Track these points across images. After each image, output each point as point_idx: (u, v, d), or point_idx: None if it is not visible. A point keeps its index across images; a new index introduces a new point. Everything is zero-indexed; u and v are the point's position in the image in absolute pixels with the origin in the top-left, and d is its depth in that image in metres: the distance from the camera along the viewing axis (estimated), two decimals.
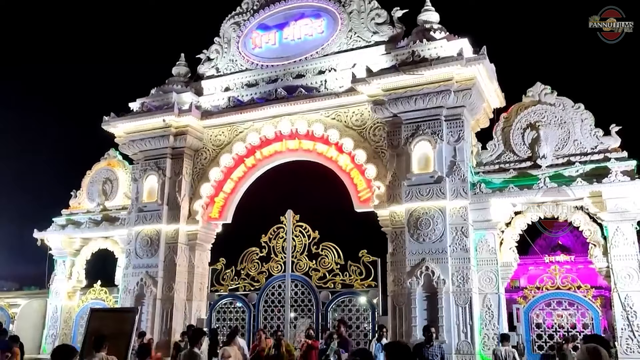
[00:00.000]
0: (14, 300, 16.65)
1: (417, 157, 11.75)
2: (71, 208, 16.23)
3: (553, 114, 11.60)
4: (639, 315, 10.10)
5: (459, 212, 11.27)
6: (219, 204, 14.54)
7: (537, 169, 11.31)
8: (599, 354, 3.69)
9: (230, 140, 14.33)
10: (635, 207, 10.45)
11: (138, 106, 14.94)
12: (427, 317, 10.86)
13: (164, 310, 13.59)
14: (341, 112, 13.20)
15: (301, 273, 13.34)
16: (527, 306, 11.40)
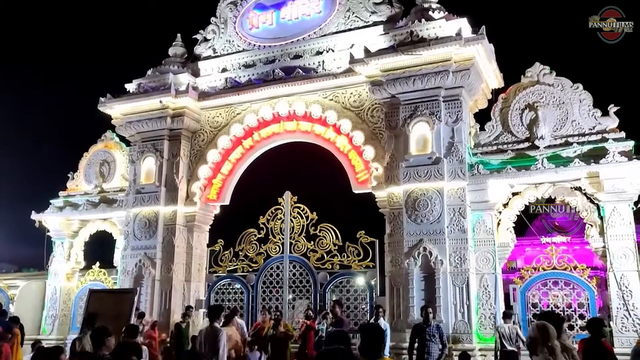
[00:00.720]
0: (12, 281, 16.71)
1: (415, 138, 11.73)
2: (69, 190, 16.21)
3: (551, 94, 11.57)
4: (634, 294, 10.18)
5: (456, 193, 11.30)
6: (216, 186, 14.54)
7: (535, 150, 11.31)
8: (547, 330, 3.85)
9: (227, 122, 14.28)
10: (632, 188, 10.48)
11: (134, 87, 14.85)
12: (425, 298, 10.95)
13: (163, 292, 13.66)
14: (339, 93, 13.14)
15: (299, 254, 13.40)
16: (524, 286, 11.49)
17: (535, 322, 4.40)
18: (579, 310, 11.19)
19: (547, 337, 3.82)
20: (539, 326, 3.99)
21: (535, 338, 3.92)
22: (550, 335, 3.84)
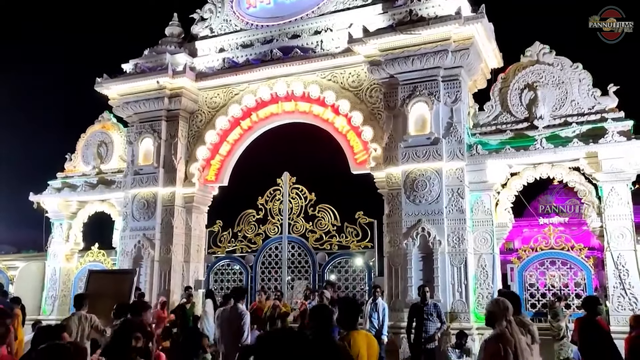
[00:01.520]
0: (12, 262, 16.77)
1: (413, 118, 11.69)
2: (66, 171, 16.17)
3: (551, 73, 11.50)
4: (630, 273, 10.25)
5: (455, 173, 11.29)
6: (215, 167, 14.51)
7: (534, 130, 11.28)
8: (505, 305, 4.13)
9: (225, 103, 14.21)
10: (630, 168, 10.48)
11: (131, 67, 14.73)
12: (423, 278, 11.00)
13: (162, 272, 13.72)
14: (337, 73, 13.05)
15: (298, 235, 13.45)
16: (521, 266, 11.56)
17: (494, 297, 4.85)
18: (575, 290, 11.29)
19: (504, 311, 4.06)
20: (497, 301, 4.28)
21: (493, 312, 4.16)
22: (508, 309, 4.10)
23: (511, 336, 3.90)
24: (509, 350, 3.79)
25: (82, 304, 7.82)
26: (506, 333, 3.93)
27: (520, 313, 4.72)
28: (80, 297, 8.08)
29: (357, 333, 4.11)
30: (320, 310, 4.08)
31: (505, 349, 3.79)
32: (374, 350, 4.16)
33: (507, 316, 4.04)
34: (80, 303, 7.83)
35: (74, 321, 7.47)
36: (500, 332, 3.96)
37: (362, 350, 3.98)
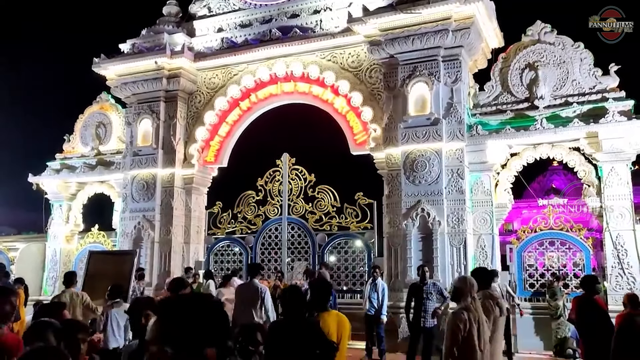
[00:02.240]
0: (12, 244, 16.79)
1: (413, 98, 11.63)
2: (65, 152, 16.13)
3: (552, 53, 11.41)
4: (629, 253, 10.29)
5: (455, 154, 11.26)
6: (214, 148, 14.48)
7: (535, 110, 11.23)
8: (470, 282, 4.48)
9: (224, 83, 14.12)
10: (630, 148, 10.46)
11: (129, 47, 14.60)
12: (422, 258, 11.04)
13: (162, 253, 13.77)
14: (337, 54, 12.95)
15: (297, 216, 13.46)
16: (520, 246, 11.60)
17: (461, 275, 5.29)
18: (573, 270, 11.34)
19: (470, 288, 4.43)
20: (464, 278, 4.61)
21: (460, 288, 4.50)
22: (473, 286, 4.47)
23: (475, 310, 4.32)
24: (473, 321, 4.21)
25: (73, 281, 7.87)
26: (471, 307, 4.33)
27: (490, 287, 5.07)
28: (70, 274, 8.11)
29: (327, 314, 4.29)
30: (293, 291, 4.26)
31: (470, 319, 4.21)
32: (346, 330, 4.33)
33: (472, 293, 4.42)
34: (70, 280, 7.87)
35: (65, 298, 7.49)
36: (466, 306, 4.36)
37: (331, 330, 4.13)
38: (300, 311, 4.07)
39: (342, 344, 4.19)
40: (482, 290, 4.90)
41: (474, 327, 4.21)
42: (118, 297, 7.34)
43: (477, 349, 4.18)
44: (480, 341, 4.23)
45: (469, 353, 4.15)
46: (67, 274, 8.14)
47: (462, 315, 4.26)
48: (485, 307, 4.73)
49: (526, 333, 10.88)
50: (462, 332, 4.17)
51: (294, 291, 4.31)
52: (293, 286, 4.51)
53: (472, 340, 4.17)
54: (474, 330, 4.20)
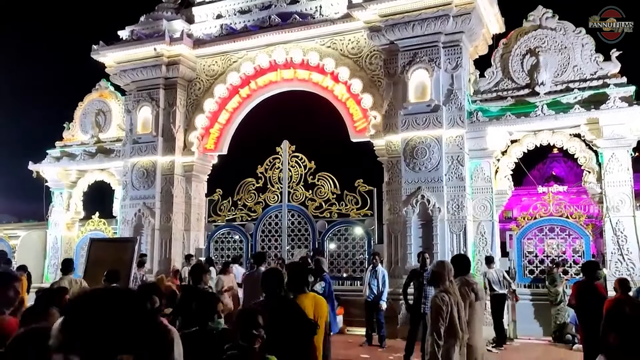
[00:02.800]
0: (13, 231, 16.85)
1: (413, 85, 11.58)
2: (65, 140, 16.12)
3: (554, 38, 11.35)
4: (629, 239, 10.31)
5: (455, 141, 11.24)
6: (214, 135, 14.45)
7: (535, 97, 11.18)
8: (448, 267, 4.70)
9: (224, 70, 14.06)
10: (631, 134, 10.44)
11: (127, 34, 14.52)
12: (422, 245, 11.06)
13: (163, 240, 13.80)
14: (337, 40, 12.88)
15: (297, 203, 13.46)
16: (520, 233, 11.61)
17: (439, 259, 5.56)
18: (573, 256, 11.37)
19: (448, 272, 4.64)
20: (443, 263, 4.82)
21: (439, 272, 4.67)
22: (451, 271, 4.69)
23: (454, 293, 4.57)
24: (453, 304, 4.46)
25: (70, 268, 7.93)
26: (450, 290, 4.57)
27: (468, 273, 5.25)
28: (68, 261, 8.19)
29: (304, 296, 4.42)
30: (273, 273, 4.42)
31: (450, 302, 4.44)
32: (323, 312, 4.44)
33: (449, 276, 4.65)
34: (68, 267, 7.92)
35: (64, 284, 7.53)
36: (445, 289, 4.58)
37: (308, 311, 4.24)
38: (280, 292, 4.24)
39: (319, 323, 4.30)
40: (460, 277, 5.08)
41: (454, 308, 4.45)
42: (115, 282, 7.42)
43: (457, 329, 4.41)
44: (460, 322, 4.47)
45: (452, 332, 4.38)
46: (65, 261, 8.21)
47: (444, 298, 4.46)
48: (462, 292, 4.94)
49: (525, 319, 10.94)
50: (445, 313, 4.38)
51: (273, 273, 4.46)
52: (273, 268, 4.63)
53: (453, 321, 4.40)
54: (455, 312, 4.44)
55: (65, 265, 8.05)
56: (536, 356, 9.47)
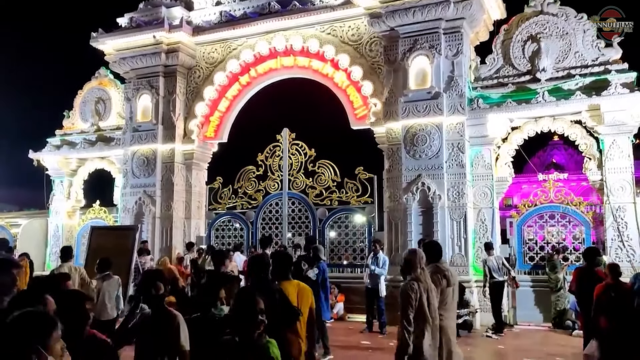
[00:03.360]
0: (14, 220, 16.88)
1: (414, 72, 11.54)
2: (65, 128, 16.09)
3: (555, 24, 11.28)
4: (629, 226, 10.32)
5: (455, 128, 11.22)
6: (214, 123, 14.42)
7: (536, 83, 11.14)
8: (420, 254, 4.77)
9: (223, 58, 13.99)
10: (632, 120, 10.41)
11: (126, 22, 14.44)
12: (422, 232, 11.09)
13: (164, 228, 13.84)
14: (337, 27, 12.81)
15: (298, 191, 13.47)
16: (520, 219, 11.63)
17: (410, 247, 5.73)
18: (573, 243, 11.39)
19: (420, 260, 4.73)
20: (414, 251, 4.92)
21: (410, 259, 4.74)
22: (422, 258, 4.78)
23: (424, 281, 4.66)
24: (423, 291, 4.56)
25: (70, 255, 7.96)
26: (420, 277, 4.65)
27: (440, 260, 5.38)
28: (66, 249, 8.22)
29: (288, 282, 4.56)
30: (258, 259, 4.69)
31: (420, 289, 4.55)
32: (307, 299, 4.56)
33: (421, 264, 4.72)
34: (67, 255, 7.95)
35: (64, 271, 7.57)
36: (416, 276, 4.66)
37: (291, 297, 4.36)
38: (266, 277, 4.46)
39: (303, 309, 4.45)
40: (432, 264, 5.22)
41: (424, 296, 4.57)
42: (107, 270, 7.49)
43: (427, 316, 4.55)
44: (430, 309, 4.59)
45: (421, 320, 4.51)
46: (64, 249, 8.23)
47: (414, 286, 4.56)
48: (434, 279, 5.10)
49: (525, 305, 10.99)
50: (414, 301, 4.51)
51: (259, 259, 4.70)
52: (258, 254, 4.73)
53: (423, 307, 4.53)
54: (424, 299, 4.56)
55: (64, 252, 8.07)
56: (536, 342, 9.53)
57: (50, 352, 2.33)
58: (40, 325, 2.35)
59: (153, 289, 3.81)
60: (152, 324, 3.77)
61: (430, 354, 4.58)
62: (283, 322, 3.93)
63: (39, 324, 2.36)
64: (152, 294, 3.81)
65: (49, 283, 3.96)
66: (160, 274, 4.17)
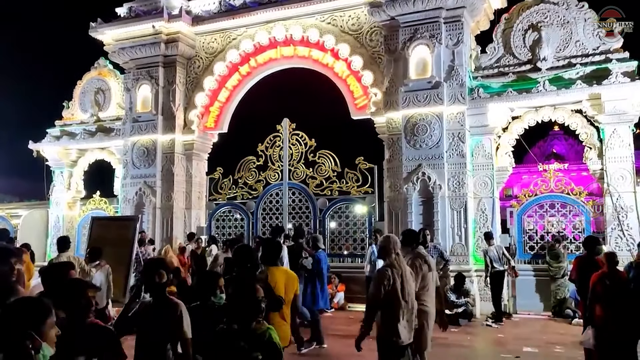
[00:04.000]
0: (15, 211, 16.89)
1: (414, 62, 11.50)
2: (64, 119, 16.06)
3: (556, 13, 11.23)
4: (629, 215, 10.33)
5: (456, 117, 11.21)
6: (214, 114, 14.40)
7: (537, 72, 11.11)
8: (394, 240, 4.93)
9: (223, 48, 13.95)
10: (633, 109, 10.39)
11: (125, 11, 14.38)
12: (423, 222, 11.10)
13: (164, 219, 13.86)
14: (337, 16, 12.75)
15: (298, 181, 13.46)
16: (521, 209, 11.62)
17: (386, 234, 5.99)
18: (573, 232, 11.40)
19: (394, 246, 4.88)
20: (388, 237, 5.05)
21: (385, 246, 4.90)
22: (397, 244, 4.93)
23: (399, 266, 4.80)
24: (397, 276, 4.72)
25: (67, 245, 7.97)
26: (395, 263, 4.80)
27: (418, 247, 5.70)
28: (63, 239, 8.19)
29: (275, 269, 4.81)
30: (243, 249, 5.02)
31: (393, 275, 4.71)
32: (293, 284, 4.80)
33: (395, 249, 4.88)
34: (64, 245, 7.96)
35: None
36: (390, 262, 4.82)
37: (279, 283, 4.58)
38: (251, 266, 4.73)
39: (288, 294, 4.67)
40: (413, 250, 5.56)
41: (398, 281, 4.72)
42: (97, 259, 7.53)
43: (401, 300, 4.71)
44: (404, 293, 4.74)
45: (396, 303, 4.69)
46: (60, 239, 8.20)
47: (387, 272, 4.74)
48: (415, 264, 5.37)
49: (525, 294, 11.02)
50: (385, 286, 4.68)
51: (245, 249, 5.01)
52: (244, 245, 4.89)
53: (396, 292, 4.69)
54: (398, 284, 4.71)
55: (60, 243, 8.05)
56: (535, 330, 9.56)
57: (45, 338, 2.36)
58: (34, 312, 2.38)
59: (156, 277, 3.83)
60: (153, 312, 3.78)
61: (405, 336, 4.75)
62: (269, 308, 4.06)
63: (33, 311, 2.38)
64: (154, 282, 3.83)
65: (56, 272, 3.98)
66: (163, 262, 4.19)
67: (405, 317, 4.74)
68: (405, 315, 4.74)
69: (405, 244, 5.50)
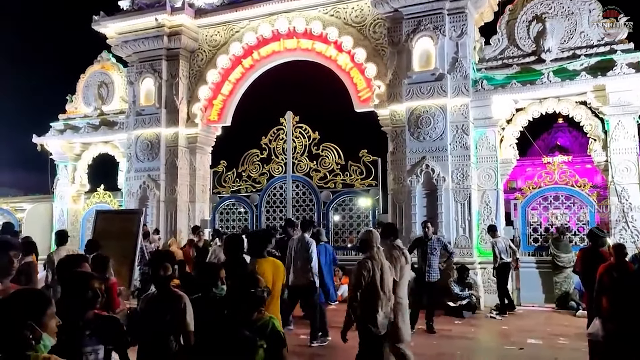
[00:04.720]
0: (19, 204, 16.96)
1: (418, 54, 11.45)
2: (68, 113, 16.08)
3: (560, 4, 11.15)
4: (634, 207, 10.30)
5: (459, 109, 11.17)
6: (217, 107, 14.39)
7: (541, 64, 11.05)
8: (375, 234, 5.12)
9: (226, 41, 13.92)
10: (638, 100, 10.33)
11: (128, 4, 14.36)
12: (427, 214, 11.09)
13: (168, 212, 13.88)
14: (340, 8, 12.70)
15: (302, 174, 13.47)
16: (525, 201, 11.61)
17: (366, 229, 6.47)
18: (577, 224, 11.38)
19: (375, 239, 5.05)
20: (369, 231, 5.23)
21: (366, 240, 5.08)
22: (377, 238, 5.11)
23: (378, 259, 4.99)
24: (376, 269, 4.91)
25: (65, 239, 7.98)
26: (375, 256, 4.99)
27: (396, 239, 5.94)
28: (62, 233, 8.21)
29: (263, 260, 4.92)
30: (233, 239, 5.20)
31: (373, 267, 4.90)
32: (280, 274, 4.96)
33: (376, 243, 5.06)
34: (63, 238, 7.98)
35: (59, 255, 7.59)
36: (370, 255, 4.99)
37: (267, 274, 4.61)
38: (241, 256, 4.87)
39: (276, 285, 4.77)
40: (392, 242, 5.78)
41: (377, 273, 4.91)
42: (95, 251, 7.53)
43: (379, 292, 4.89)
44: (383, 284, 4.93)
45: (375, 294, 4.87)
46: (59, 233, 8.22)
47: (367, 264, 4.91)
48: (394, 256, 5.58)
49: (529, 286, 11.01)
50: (365, 279, 4.87)
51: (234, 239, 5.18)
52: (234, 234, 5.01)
53: (375, 284, 4.88)
54: (377, 277, 4.90)
55: (59, 236, 8.08)
56: (540, 322, 9.56)
57: (45, 328, 2.37)
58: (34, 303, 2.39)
59: (161, 269, 3.85)
60: (157, 304, 3.80)
61: (382, 324, 4.96)
62: None
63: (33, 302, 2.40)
64: (159, 274, 3.86)
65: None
66: (169, 255, 4.21)
67: (384, 308, 4.94)
68: (383, 306, 4.93)
69: (384, 237, 5.72)
